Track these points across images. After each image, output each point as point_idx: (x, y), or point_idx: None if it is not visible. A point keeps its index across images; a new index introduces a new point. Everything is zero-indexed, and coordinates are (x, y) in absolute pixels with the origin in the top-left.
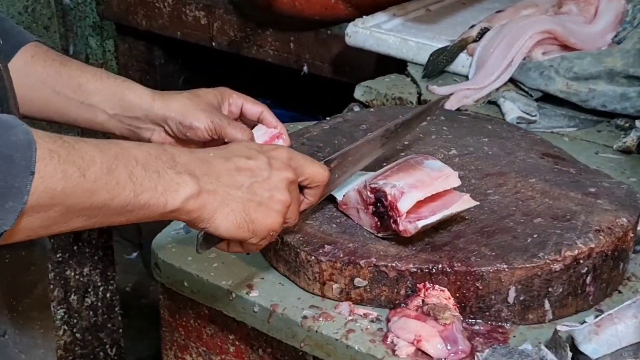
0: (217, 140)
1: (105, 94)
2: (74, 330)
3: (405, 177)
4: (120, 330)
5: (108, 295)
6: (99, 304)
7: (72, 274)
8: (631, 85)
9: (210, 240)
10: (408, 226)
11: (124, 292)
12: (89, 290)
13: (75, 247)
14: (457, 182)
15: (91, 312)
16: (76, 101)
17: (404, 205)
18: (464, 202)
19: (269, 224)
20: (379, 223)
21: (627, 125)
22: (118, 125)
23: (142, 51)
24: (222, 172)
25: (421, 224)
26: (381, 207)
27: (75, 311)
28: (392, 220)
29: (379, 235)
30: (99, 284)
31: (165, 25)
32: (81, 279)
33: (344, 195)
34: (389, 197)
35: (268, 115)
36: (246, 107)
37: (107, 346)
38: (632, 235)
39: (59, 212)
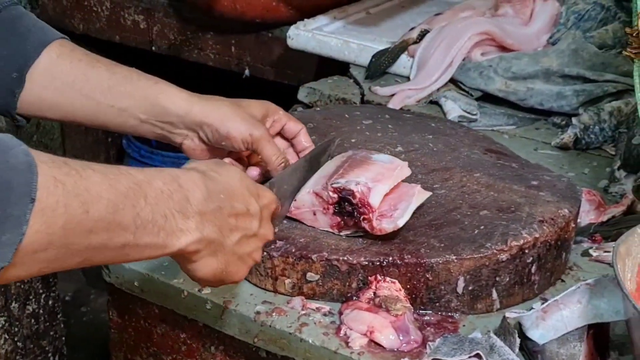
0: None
1: (137, 98)
2: (15, 339)
3: (363, 172)
4: (63, 338)
5: (50, 302)
6: (41, 311)
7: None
8: (567, 84)
9: None
10: (384, 225)
11: (64, 300)
12: (30, 297)
13: None
14: (409, 172)
15: (33, 320)
16: (106, 105)
17: (374, 200)
18: (422, 194)
19: (238, 277)
20: (342, 222)
21: (564, 122)
22: (150, 129)
23: None
24: (224, 223)
25: (401, 222)
26: (348, 206)
27: (17, 319)
28: (362, 218)
29: (341, 234)
30: (41, 291)
31: (103, 29)
32: (22, 286)
33: (294, 201)
34: (358, 195)
35: (304, 135)
36: (288, 126)
37: (50, 354)
38: (573, 225)
39: (55, 250)
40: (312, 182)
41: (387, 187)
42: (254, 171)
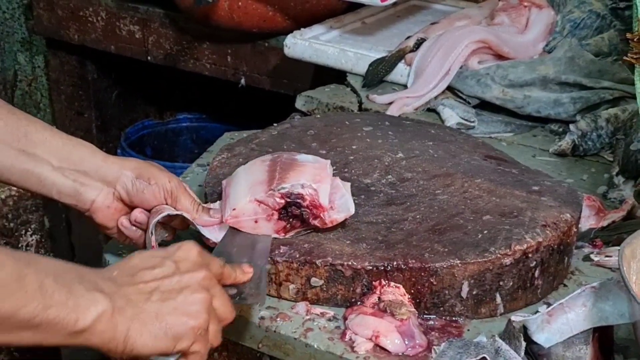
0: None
1: (53, 145)
2: (12, 349)
3: (300, 175)
4: (60, 348)
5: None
6: None
7: None
8: (563, 92)
9: None
10: (335, 216)
11: None
12: None
13: None
14: (331, 169)
15: None
16: (16, 150)
17: (324, 200)
18: (344, 183)
19: (190, 325)
20: (287, 226)
21: (561, 130)
22: (60, 179)
23: (74, 66)
24: (130, 289)
25: (352, 209)
26: (295, 209)
27: None
28: (312, 217)
29: (286, 236)
30: None
31: (98, 39)
32: None
33: (233, 210)
34: (308, 198)
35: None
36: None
37: None
38: (575, 230)
39: None
40: (245, 190)
41: (328, 185)
42: (138, 213)
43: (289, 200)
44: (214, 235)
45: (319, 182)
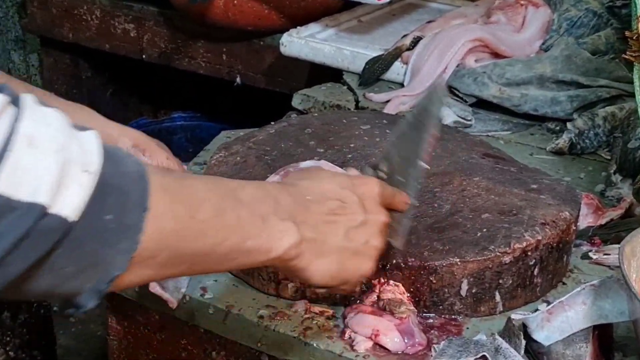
0: None
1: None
2: (7, 349)
3: None
4: (55, 348)
5: (42, 311)
6: (33, 320)
7: None
8: (560, 90)
9: None
10: None
11: (53, 311)
12: (22, 307)
13: None
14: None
15: (25, 330)
16: None
17: None
18: None
19: (363, 270)
20: None
21: (558, 128)
22: None
23: (68, 64)
24: (319, 220)
25: None
26: None
27: (8, 329)
28: None
29: None
30: (32, 300)
31: (93, 37)
32: None
33: None
34: None
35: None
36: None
37: None
38: (574, 228)
39: (165, 256)
40: None
41: None
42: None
43: None
44: None
45: None
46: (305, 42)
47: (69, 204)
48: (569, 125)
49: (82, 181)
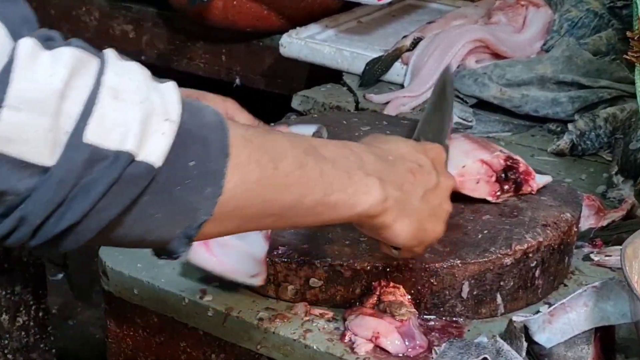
0: None
1: None
2: (5, 352)
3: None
4: (53, 351)
5: (40, 314)
6: (31, 323)
7: (3, 292)
8: (561, 91)
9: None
10: (539, 181)
11: (51, 314)
12: (21, 309)
13: (5, 265)
14: None
15: (23, 333)
16: None
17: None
18: None
19: (437, 233)
20: (499, 190)
21: (559, 129)
22: None
23: None
24: (403, 180)
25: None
26: (511, 175)
27: (6, 332)
28: (523, 182)
29: (497, 200)
30: (31, 302)
31: (91, 39)
32: (12, 298)
33: (462, 167)
34: (522, 163)
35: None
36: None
37: None
38: (575, 229)
39: (251, 206)
40: (462, 155)
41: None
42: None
43: (509, 163)
44: None
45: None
46: (304, 43)
47: (154, 151)
48: (570, 126)
49: (165, 129)
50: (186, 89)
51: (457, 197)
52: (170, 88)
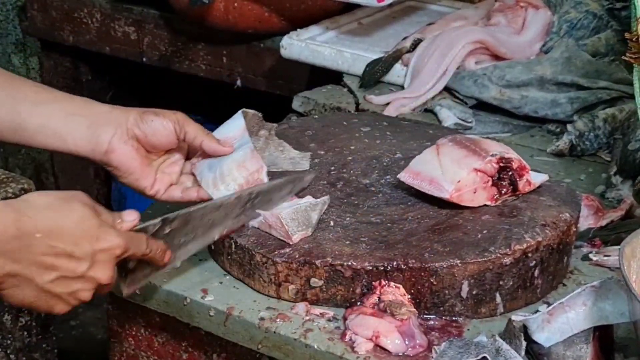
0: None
1: (60, 100)
2: (8, 352)
3: (489, 144)
4: (55, 351)
5: (42, 314)
6: (33, 323)
7: None
8: (561, 92)
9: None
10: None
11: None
12: (23, 309)
13: None
14: None
15: (25, 333)
16: (30, 102)
17: (524, 162)
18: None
19: (53, 312)
20: (497, 193)
21: (558, 130)
22: (75, 126)
23: (68, 67)
24: (35, 261)
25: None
26: (505, 174)
27: (9, 332)
28: (519, 178)
29: (497, 204)
30: None
31: (93, 40)
32: None
33: (458, 182)
34: (515, 160)
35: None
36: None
37: None
38: (574, 229)
39: None
40: (454, 166)
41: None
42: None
43: (502, 164)
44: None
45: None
46: (305, 45)
47: None
48: (569, 127)
49: None
50: (141, 108)
51: (458, 205)
52: None
